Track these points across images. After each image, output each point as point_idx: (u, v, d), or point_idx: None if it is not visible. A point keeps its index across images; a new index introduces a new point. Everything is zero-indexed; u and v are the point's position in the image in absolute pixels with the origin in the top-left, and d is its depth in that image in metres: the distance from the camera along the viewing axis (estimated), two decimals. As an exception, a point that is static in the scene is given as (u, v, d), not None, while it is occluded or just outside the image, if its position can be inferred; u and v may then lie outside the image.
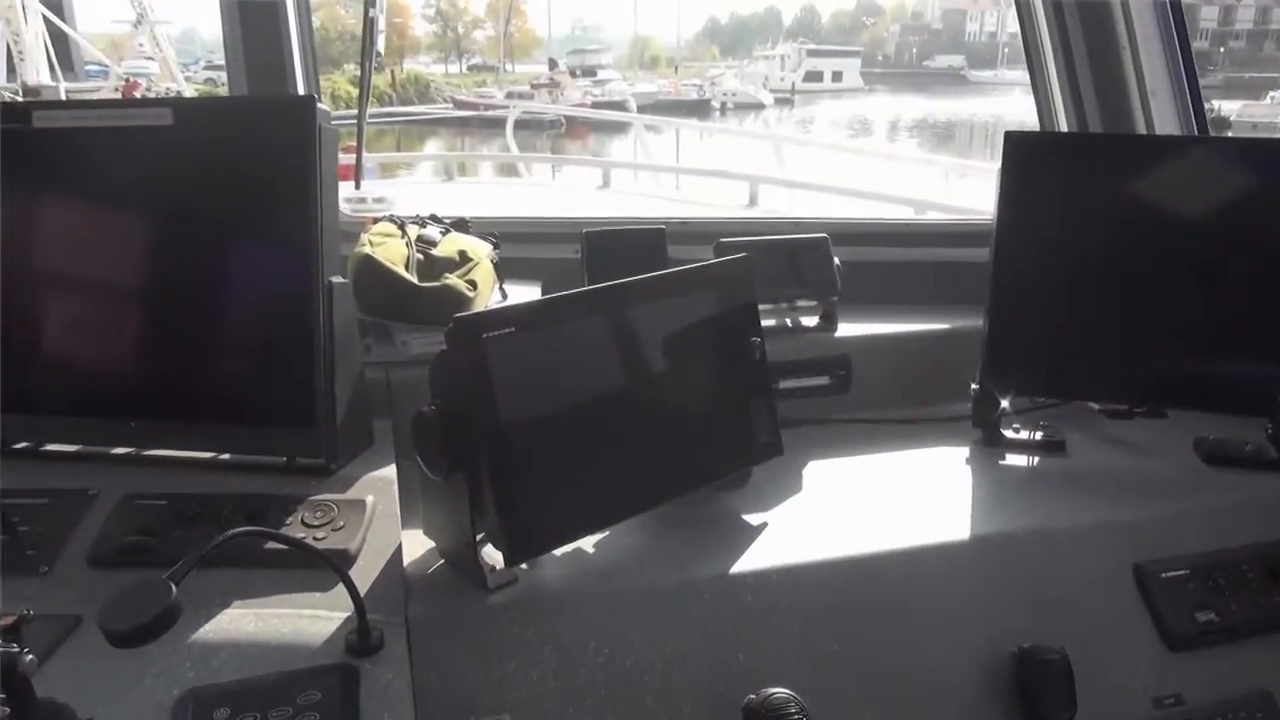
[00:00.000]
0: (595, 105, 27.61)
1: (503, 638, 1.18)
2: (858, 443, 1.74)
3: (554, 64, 47.24)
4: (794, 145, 9.47)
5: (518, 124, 9.74)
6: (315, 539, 1.21)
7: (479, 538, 1.23)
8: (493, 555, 1.23)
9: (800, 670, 1.23)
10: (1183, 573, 1.43)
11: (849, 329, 1.88)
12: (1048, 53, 2.15)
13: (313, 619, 1.11)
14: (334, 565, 1.07)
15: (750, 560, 1.32)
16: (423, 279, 1.62)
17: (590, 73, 42.89)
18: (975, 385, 1.71)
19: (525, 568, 1.25)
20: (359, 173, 2.39)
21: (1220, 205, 1.61)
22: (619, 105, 28.53)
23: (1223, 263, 1.61)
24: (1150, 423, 1.74)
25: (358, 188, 2.37)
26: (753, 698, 1.16)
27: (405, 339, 1.62)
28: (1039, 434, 1.72)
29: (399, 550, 1.24)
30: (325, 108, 1.34)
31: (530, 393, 1.20)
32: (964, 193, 5.92)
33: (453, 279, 1.63)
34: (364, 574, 1.19)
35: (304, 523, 1.25)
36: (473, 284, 1.65)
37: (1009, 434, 1.72)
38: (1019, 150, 1.66)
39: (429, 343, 1.58)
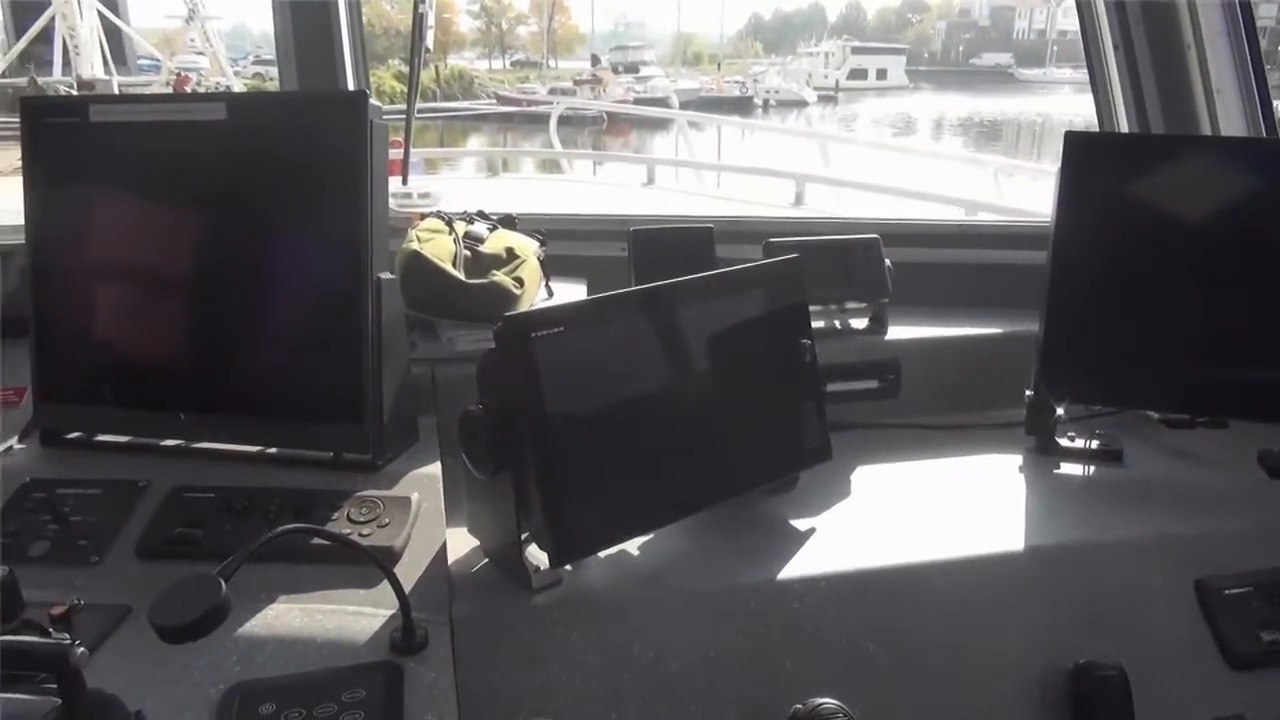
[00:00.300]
0: (637, 102, 27.56)
1: (546, 639, 1.17)
2: (907, 448, 1.71)
3: (597, 60, 47.30)
4: (838, 143, 9.35)
5: (559, 120, 9.75)
6: (361, 535, 1.21)
7: (524, 538, 1.22)
8: (537, 556, 1.22)
9: (848, 681, 1.21)
10: (1246, 590, 1.38)
11: (898, 331, 1.85)
12: (1108, 51, 2.10)
13: (357, 616, 1.11)
14: (380, 563, 1.06)
15: (798, 566, 1.30)
16: (470, 276, 1.62)
17: (633, 69, 42.97)
18: (1030, 391, 1.67)
19: (569, 569, 1.24)
20: (406, 168, 2.40)
21: None
22: (661, 102, 28.41)
23: None
24: (1211, 433, 1.68)
25: (405, 183, 2.38)
26: (800, 707, 1.14)
27: (451, 335, 1.62)
28: (1095, 443, 1.67)
29: (443, 548, 1.24)
30: (377, 103, 1.34)
31: (578, 393, 1.19)
32: (1013, 193, 5.81)
33: (500, 276, 1.62)
34: (408, 571, 1.18)
35: (350, 519, 1.25)
36: (519, 281, 1.64)
37: (1064, 442, 1.68)
38: (1079, 151, 1.62)
39: (475, 340, 1.58)
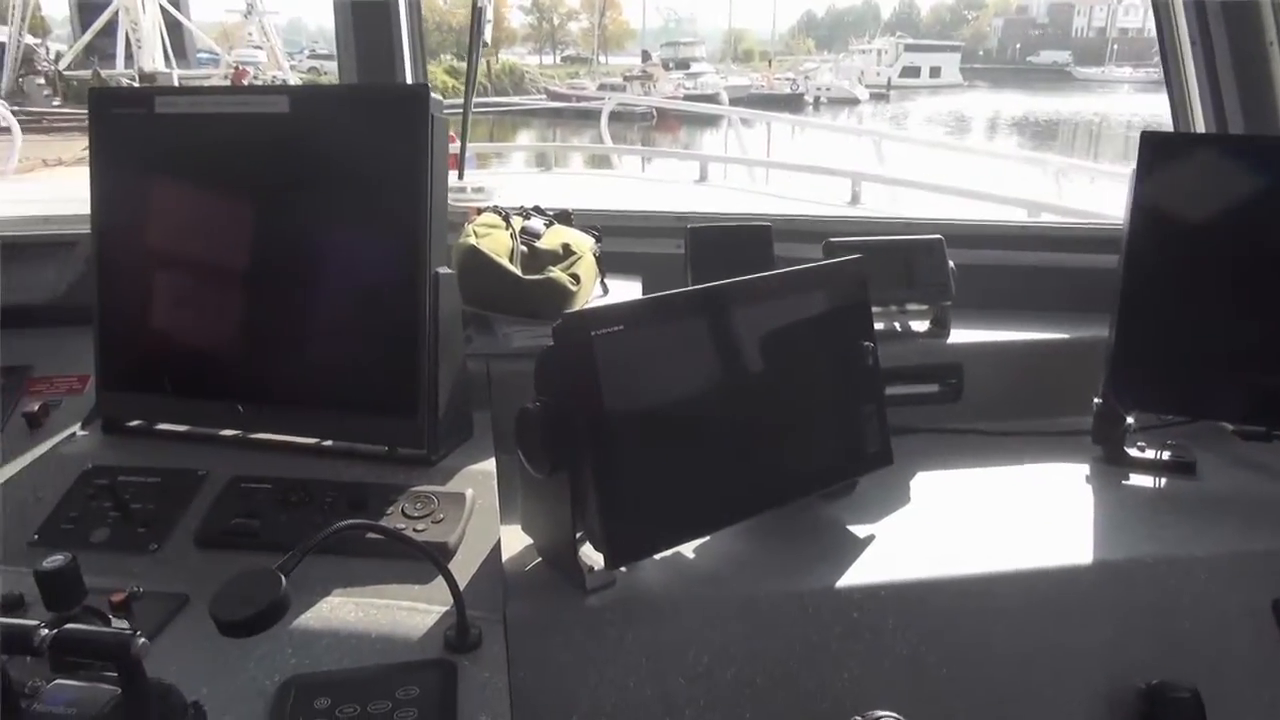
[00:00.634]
0: (687, 98, 27.48)
1: (600, 641, 1.16)
2: (969, 454, 1.66)
3: (647, 56, 47.32)
4: (891, 142, 9.21)
5: (609, 116, 9.75)
6: (415, 530, 1.21)
7: (578, 537, 1.20)
8: (592, 556, 1.20)
9: (909, 693, 1.18)
10: (1328, 611, 1.32)
11: (961, 335, 1.81)
12: (1185, 48, 2.02)
13: (411, 611, 1.10)
14: (435, 560, 1.06)
15: (858, 574, 1.27)
16: (526, 271, 1.61)
17: (683, 65, 42.82)
18: (1098, 399, 1.62)
19: (624, 570, 1.22)
20: (463, 163, 2.39)
21: None
22: (711, 98, 28.30)
23: None
24: (1289, 446, 1.62)
25: (460, 178, 2.38)
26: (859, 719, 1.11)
27: (507, 331, 1.61)
28: (1166, 454, 1.61)
29: (498, 546, 1.23)
30: (438, 97, 1.33)
31: (636, 393, 1.17)
32: (1073, 194, 5.68)
33: (556, 272, 1.61)
34: (462, 568, 1.17)
35: (404, 513, 1.24)
36: (575, 278, 1.63)
37: (1133, 452, 1.62)
38: (1155, 151, 1.56)
39: (531, 336, 1.57)
